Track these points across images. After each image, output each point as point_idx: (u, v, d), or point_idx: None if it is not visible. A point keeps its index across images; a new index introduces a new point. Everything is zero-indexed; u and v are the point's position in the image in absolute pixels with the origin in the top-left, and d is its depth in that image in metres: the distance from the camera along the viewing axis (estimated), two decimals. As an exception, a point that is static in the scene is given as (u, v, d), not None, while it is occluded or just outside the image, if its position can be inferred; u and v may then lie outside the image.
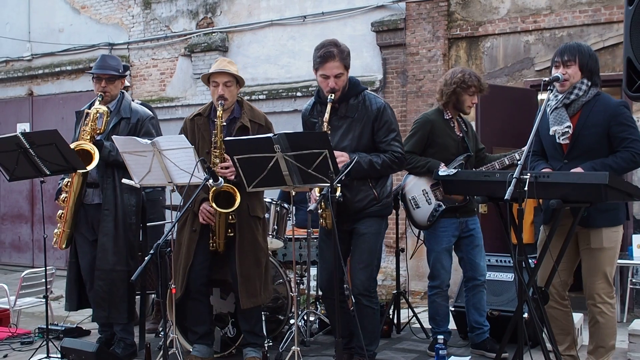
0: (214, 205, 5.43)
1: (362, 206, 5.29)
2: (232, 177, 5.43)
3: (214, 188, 5.38)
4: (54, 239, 6.04)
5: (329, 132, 5.14)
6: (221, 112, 5.51)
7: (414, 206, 6.03)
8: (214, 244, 5.68)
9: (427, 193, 5.97)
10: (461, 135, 6.08)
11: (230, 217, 5.60)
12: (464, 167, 5.92)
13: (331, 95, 5.20)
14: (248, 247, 5.64)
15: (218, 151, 5.54)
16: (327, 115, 5.17)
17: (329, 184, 4.64)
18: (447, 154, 5.97)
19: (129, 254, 5.99)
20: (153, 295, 7.31)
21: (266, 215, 6.48)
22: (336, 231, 4.69)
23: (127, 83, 7.41)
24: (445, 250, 6.03)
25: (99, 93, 5.99)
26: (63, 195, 5.92)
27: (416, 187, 6.01)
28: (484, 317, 6.16)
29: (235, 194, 5.44)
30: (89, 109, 5.96)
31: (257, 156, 4.76)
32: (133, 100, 7.25)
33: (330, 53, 5.19)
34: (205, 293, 5.88)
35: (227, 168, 5.50)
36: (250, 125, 5.67)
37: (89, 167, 5.71)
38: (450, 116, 6.06)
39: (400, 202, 6.21)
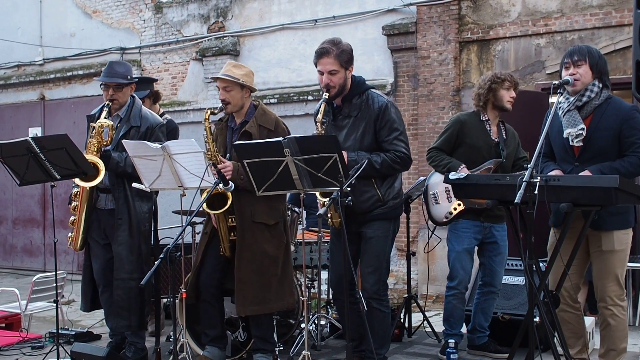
0: (204, 207, 5.41)
1: (367, 208, 5.24)
2: (229, 176, 5.33)
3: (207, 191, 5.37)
4: (69, 241, 6.05)
5: (323, 132, 5.16)
6: (208, 114, 5.49)
7: (434, 201, 6.01)
8: (222, 249, 5.69)
9: (449, 191, 5.93)
10: (497, 140, 6.00)
11: (229, 220, 5.59)
12: (491, 171, 5.86)
13: (325, 94, 5.19)
14: (248, 253, 5.57)
15: (210, 153, 5.45)
16: (319, 116, 5.17)
17: (338, 188, 4.64)
18: (477, 155, 5.91)
19: (145, 260, 5.99)
20: (165, 300, 7.30)
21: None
22: (345, 235, 4.69)
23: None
24: (465, 250, 5.98)
25: (107, 102, 5.97)
26: (74, 203, 5.94)
27: (440, 183, 5.96)
28: (488, 323, 6.18)
29: (227, 194, 5.44)
30: (101, 112, 5.96)
31: (267, 160, 4.76)
32: (163, 115, 7.24)
33: (325, 49, 5.19)
34: (217, 297, 5.84)
35: (223, 168, 5.39)
36: (259, 130, 5.61)
37: (95, 182, 5.70)
38: (487, 118, 6.02)
39: (421, 195, 6.17)
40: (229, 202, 5.43)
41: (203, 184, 5.19)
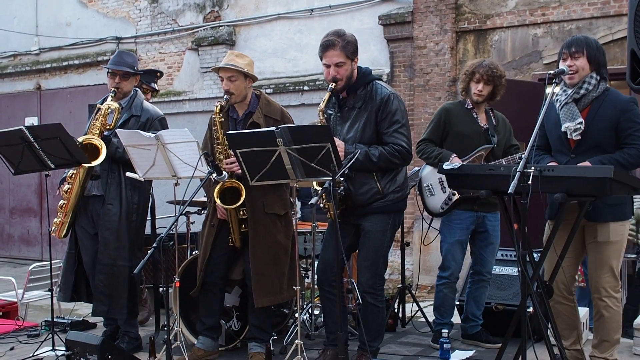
0: (218, 201, 5.41)
1: (366, 200, 5.17)
2: (239, 170, 5.30)
3: (220, 184, 5.36)
4: (53, 227, 6.03)
5: (324, 122, 5.13)
6: (218, 108, 5.49)
7: (429, 193, 6.03)
8: (232, 240, 5.66)
9: (442, 182, 5.93)
10: (486, 126, 6.02)
11: (241, 212, 5.56)
12: (483, 158, 5.88)
13: (332, 85, 5.13)
14: (262, 245, 5.56)
15: (221, 147, 5.51)
16: (322, 105, 5.13)
17: (331, 178, 4.63)
18: (467, 144, 5.92)
19: (130, 249, 5.98)
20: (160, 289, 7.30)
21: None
22: (338, 225, 4.69)
23: (155, 87, 7.49)
24: (457, 242, 6.00)
25: (112, 89, 5.97)
26: (66, 186, 5.91)
27: (433, 175, 5.97)
28: (481, 311, 6.20)
29: (241, 189, 5.41)
30: (105, 100, 5.97)
31: (260, 150, 4.74)
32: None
33: (330, 42, 5.11)
34: (221, 287, 5.84)
35: (232, 163, 5.43)
36: (265, 120, 5.58)
37: (96, 162, 5.70)
38: (471, 106, 6.04)
39: (415, 188, 6.18)
40: (243, 197, 5.41)
41: (196, 173, 5.18)
